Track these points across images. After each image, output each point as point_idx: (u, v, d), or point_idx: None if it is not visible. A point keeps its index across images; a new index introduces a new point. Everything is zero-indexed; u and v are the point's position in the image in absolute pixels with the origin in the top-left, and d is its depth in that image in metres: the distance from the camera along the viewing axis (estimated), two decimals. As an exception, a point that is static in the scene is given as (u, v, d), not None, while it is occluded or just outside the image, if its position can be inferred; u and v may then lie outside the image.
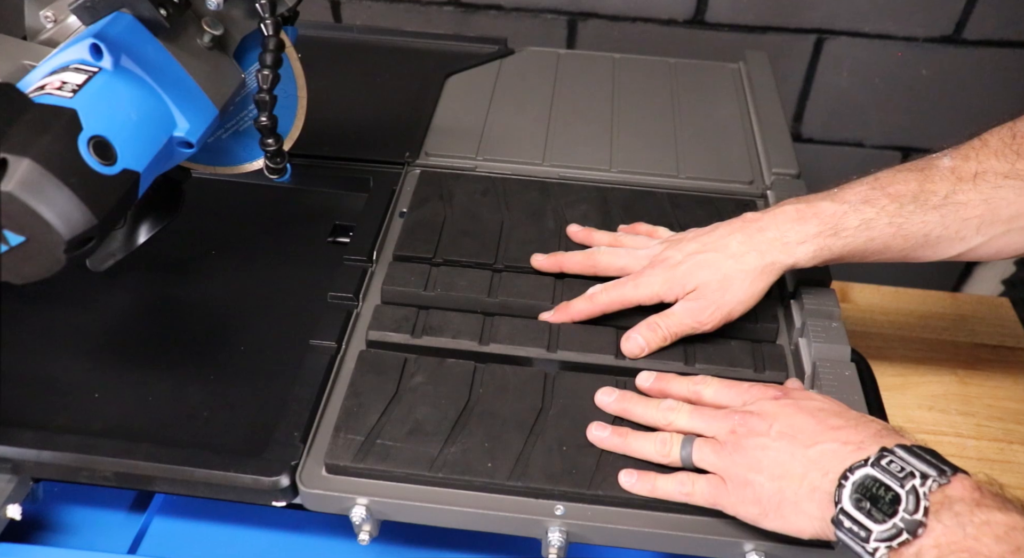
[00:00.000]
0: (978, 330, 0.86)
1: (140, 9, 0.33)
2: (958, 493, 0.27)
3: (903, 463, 0.28)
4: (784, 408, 0.33)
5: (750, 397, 0.35)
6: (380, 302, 0.42)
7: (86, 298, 0.43)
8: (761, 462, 0.32)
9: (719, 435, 0.34)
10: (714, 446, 0.33)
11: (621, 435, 0.35)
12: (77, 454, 0.35)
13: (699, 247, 0.40)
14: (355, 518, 0.34)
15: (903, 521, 0.27)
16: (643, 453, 0.35)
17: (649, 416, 0.36)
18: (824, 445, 0.31)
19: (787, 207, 0.40)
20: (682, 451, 0.34)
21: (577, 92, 0.59)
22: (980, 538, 0.26)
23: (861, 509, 0.28)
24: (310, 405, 0.36)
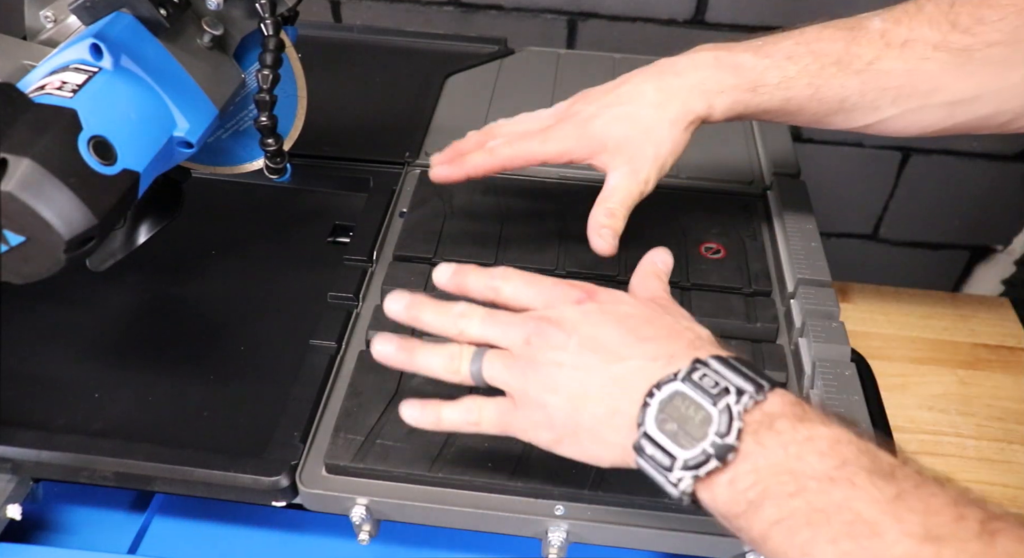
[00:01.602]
0: (978, 330, 0.86)
1: (140, 9, 0.33)
2: (778, 409, 0.24)
3: (718, 377, 0.24)
4: (588, 316, 0.28)
5: (552, 297, 0.29)
6: (380, 302, 0.42)
7: (86, 298, 0.43)
8: (557, 381, 0.27)
9: (513, 346, 0.28)
10: (506, 360, 0.28)
11: (407, 349, 0.29)
12: (77, 454, 0.35)
13: (613, 99, 0.36)
14: (355, 518, 0.34)
15: (712, 445, 0.23)
16: (431, 369, 0.29)
17: (439, 324, 0.30)
18: (629, 362, 0.26)
19: (705, 54, 0.36)
20: (472, 366, 0.29)
21: (577, 92, 0.59)
22: (803, 457, 0.23)
23: (666, 432, 0.24)
24: (310, 405, 0.36)
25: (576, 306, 0.29)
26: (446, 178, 0.37)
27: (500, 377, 0.29)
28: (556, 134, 0.36)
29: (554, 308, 0.29)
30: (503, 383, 0.29)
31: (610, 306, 0.29)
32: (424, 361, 0.30)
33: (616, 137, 0.35)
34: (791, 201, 0.48)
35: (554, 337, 0.28)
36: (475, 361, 0.29)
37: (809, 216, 0.48)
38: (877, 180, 0.86)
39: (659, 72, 0.36)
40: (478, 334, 0.30)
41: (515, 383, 0.28)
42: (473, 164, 0.36)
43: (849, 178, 0.86)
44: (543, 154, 0.36)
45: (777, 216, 0.48)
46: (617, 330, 0.28)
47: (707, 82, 0.35)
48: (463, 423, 0.29)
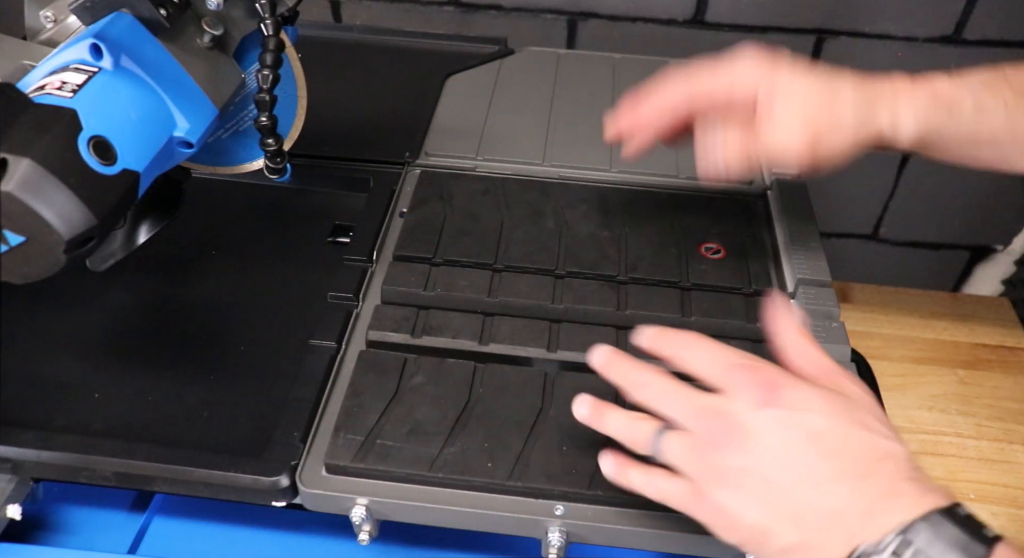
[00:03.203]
0: (978, 330, 0.86)
1: (140, 9, 0.33)
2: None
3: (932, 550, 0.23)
4: (772, 426, 0.27)
5: (732, 383, 0.28)
6: (380, 302, 0.42)
7: (86, 298, 0.43)
8: (739, 491, 0.26)
9: (693, 430, 0.28)
10: (686, 445, 0.28)
11: (599, 412, 0.31)
12: (77, 454, 0.35)
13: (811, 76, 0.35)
14: (355, 518, 0.34)
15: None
16: (617, 434, 0.30)
17: (626, 384, 0.31)
18: (824, 503, 0.25)
19: (902, 76, 0.36)
20: (652, 440, 0.29)
21: (577, 92, 0.59)
22: None
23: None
24: (310, 405, 0.36)
25: (762, 410, 0.27)
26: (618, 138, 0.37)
27: (679, 463, 0.28)
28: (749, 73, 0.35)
29: (735, 402, 0.28)
30: (682, 470, 0.29)
31: (799, 417, 0.27)
32: (611, 425, 0.31)
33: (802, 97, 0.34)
34: (791, 201, 0.48)
35: (738, 442, 0.27)
36: (656, 438, 0.29)
37: (809, 216, 0.48)
38: (877, 180, 0.86)
39: (861, 79, 0.35)
40: (654, 406, 0.30)
41: (695, 474, 0.28)
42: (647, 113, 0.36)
43: (849, 178, 0.86)
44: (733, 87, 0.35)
45: (777, 216, 0.48)
46: (809, 452, 0.26)
47: (900, 97, 0.35)
48: (649, 490, 0.30)
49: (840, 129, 0.34)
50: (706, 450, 0.28)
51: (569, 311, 0.41)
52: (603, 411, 0.31)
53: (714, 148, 0.35)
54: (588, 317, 0.41)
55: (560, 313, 0.42)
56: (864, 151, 0.35)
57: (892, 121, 0.34)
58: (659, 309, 0.41)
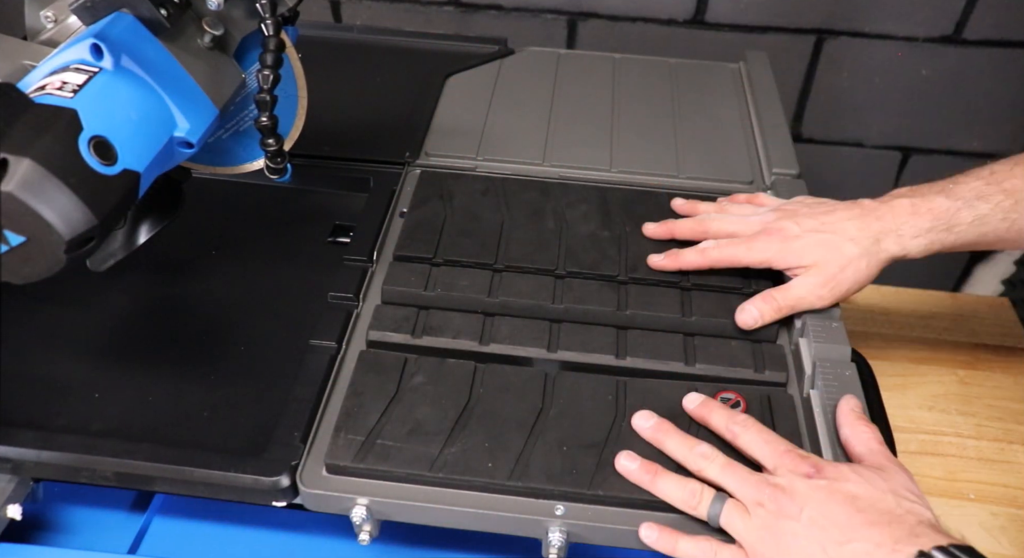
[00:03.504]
0: (978, 330, 0.86)
1: (140, 9, 0.33)
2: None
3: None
4: (816, 492, 0.31)
5: (782, 464, 0.33)
6: (380, 302, 0.42)
7: (86, 298, 0.43)
8: (790, 549, 0.31)
9: (746, 502, 0.32)
10: (743, 515, 0.32)
11: (650, 472, 0.34)
12: (77, 454, 0.35)
13: (818, 225, 0.41)
14: (355, 518, 0.34)
15: None
16: (670, 497, 0.33)
17: (681, 455, 0.34)
18: (857, 544, 0.30)
19: (903, 201, 0.40)
20: (711, 509, 0.33)
21: (577, 92, 0.59)
22: None
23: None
24: (310, 405, 0.36)
25: (806, 480, 0.32)
26: (662, 267, 0.43)
27: (736, 528, 0.32)
28: (761, 245, 0.41)
29: (785, 477, 0.33)
30: (738, 535, 0.32)
31: (838, 484, 0.32)
32: (665, 488, 0.34)
33: (815, 258, 0.40)
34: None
35: (787, 507, 0.32)
36: (715, 506, 0.33)
37: (809, 216, 0.47)
38: (877, 180, 0.86)
39: (862, 213, 0.41)
40: (715, 478, 0.34)
41: (750, 539, 0.32)
42: (687, 260, 0.42)
43: (849, 178, 0.86)
44: (747, 260, 0.41)
45: (777, 216, 0.48)
46: (844, 510, 0.31)
47: (903, 228, 0.40)
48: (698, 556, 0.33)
49: (855, 271, 0.40)
50: (759, 516, 0.32)
51: (569, 311, 0.41)
52: (655, 472, 0.34)
53: (749, 310, 0.40)
54: (588, 317, 0.41)
55: (560, 313, 0.42)
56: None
57: (901, 248, 0.40)
58: (659, 309, 0.41)
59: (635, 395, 0.37)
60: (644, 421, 0.36)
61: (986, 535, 0.67)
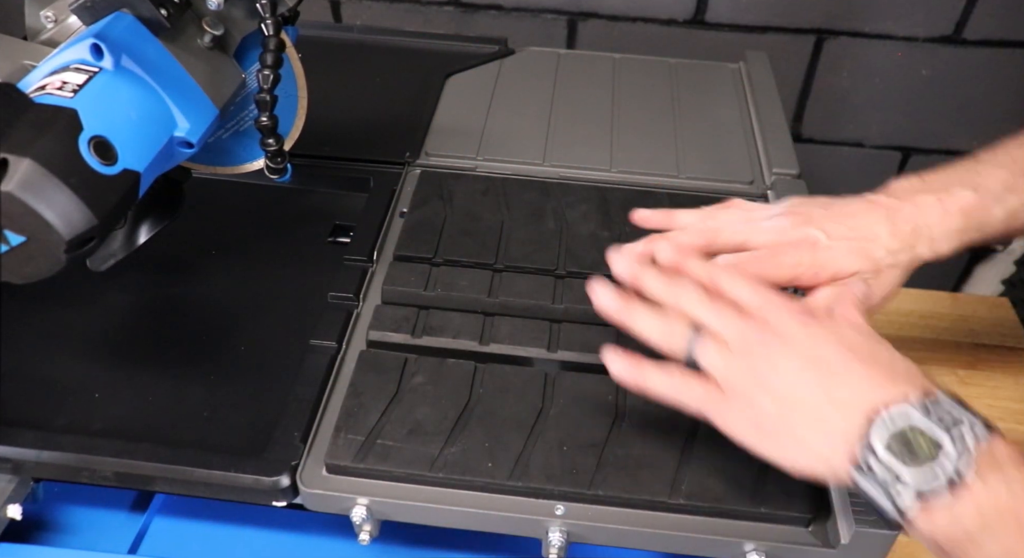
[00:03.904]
0: (978, 330, 0.86)
1: (140, 9, 0.33)
2: (1002, 451, 0.24)
3: (950, 408, 0.25)
4: (810, 334, 0.28)
5: (771, 305, 0.30)
6: (380, 302, 0.42)
7: (86, 298, 0.43)
8: (771, 382, 0.28)
9: (729, 337, 0.29)
10: (721, 348, 0.29)
11: (628, 308, 0.31)
12: (77, 454, 0.35)
13: (847, 232, 0.36)
14: (355, 518, 0.34)
15: (943, 469, 0.24)
16: (645, 331, 0.30)
17: (660, 291, 0.31)
18: (852, 387, 0.27)
19: (927, 198, 0.36)
20: (688, 344, 0.29)
21: (577, 92, 0.59)
22: None
23: (893, 451, 0.24)
24: (310, 405, 0.36)
25: (799, 325, 0.29)
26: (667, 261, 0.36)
27: (713, 363, 0.29)
28: (789, 259, 0.36)
29: (774, 313, 0.29)
30: (714, 369, 0.29)
31: (835, 330, 0.29)
32: (642, 324, 0.30)
33: (849, 270, 0.36)
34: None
35: (773, 343, 0.28)
36: (691, 341, 0.30)
37: (809, 216, 0.47)
38: (877, 180, 0.86)
39: (888, 215, 0.36)
40: (695, 313, 0.30)
41: (726, 372, 0.29)
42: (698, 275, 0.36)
43: (849, 178, 0.86)
44: (776, 278, 0.35)
45: (777, 216, 0.48)
46: (840, 354, 0.28)
47: (935, 230, 0.36)
48: (666, 389, 0.30)
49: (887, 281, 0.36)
50: (740, 350, 0.29)
51: (569, 311, 0.41)
52: (631, 306, 0.31)
53: None
54: (588, 317, 0.41)
55: (560, 313, 0.42)
56: None
57: (932, 252, 0.37)
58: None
59: (635, 396, 0.37)
60: (620, 261, 0.33)
61: (986, 535, 0.67)
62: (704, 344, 0.30)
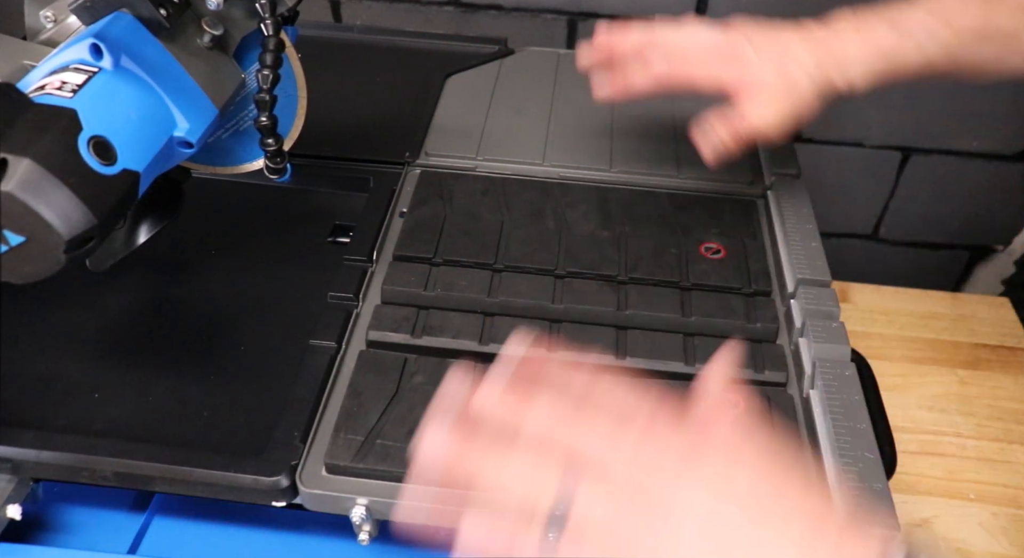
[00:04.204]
0: (978, 330, 0.86)
1: (140, 9, 0.33)
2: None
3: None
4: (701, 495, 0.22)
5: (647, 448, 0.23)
6: (380, 302, 0.42)
7: (86, 298, 0.43)
8: None
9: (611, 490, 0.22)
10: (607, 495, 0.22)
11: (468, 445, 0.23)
12: (77, 454, 0.34)
13: (765, 40, 0.39)
14: (355, 518, 0.34)
15: None
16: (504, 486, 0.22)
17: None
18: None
19: (849, 29, 0.38)
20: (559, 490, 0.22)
21: (577, 92, 0.59)
22: None
23: None
24: (310, 405, 0.36)
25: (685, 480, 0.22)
26: (608, 97, 0.40)
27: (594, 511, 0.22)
28: (715, 70, 0.39)
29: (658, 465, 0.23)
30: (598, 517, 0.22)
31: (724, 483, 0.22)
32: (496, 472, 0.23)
33: (765, 80, 0.39)
34: (791, 201, 0.48)
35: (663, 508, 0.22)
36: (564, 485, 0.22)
37: (809, 216, 0.48)
38: (877, 180, 0.86)
39: (808, 35, 0.39)
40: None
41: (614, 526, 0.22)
42: (633, 81, 0.39)
43: (849, 178, 0.86)
44: (700, 78, 0.39)
45: (777, 216, 0.48)
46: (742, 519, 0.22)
47: (848, 57, 0.38)
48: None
49: (802, 98, 0.39)
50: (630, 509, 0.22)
51: (569, 311, 0.41)
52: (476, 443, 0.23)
53: (709, 135, 0.39)
54: (588, 317, 0.41)
55: (560, 313, 0.42)
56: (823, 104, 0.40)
57: (844, 79, 0.38)
58: (659, 309, 0.41)
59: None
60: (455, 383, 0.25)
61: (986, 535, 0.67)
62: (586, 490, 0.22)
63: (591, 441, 0.23)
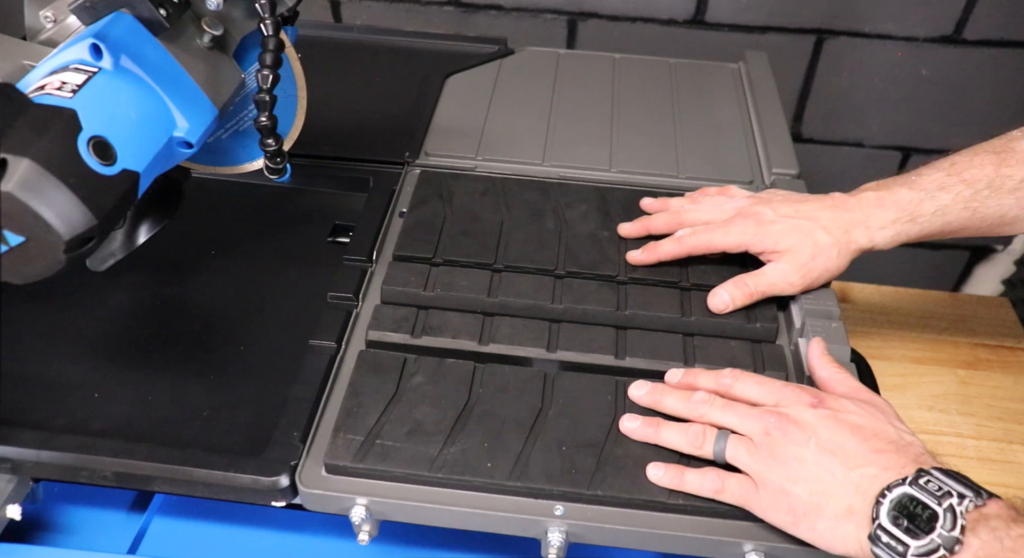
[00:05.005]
0: (978, 330, 0.86)
1: (140, 9, 0.33)
2: (994, 511, 0.28)
3: (940, 483, 0.29)
4: (823, 420, 0.33)
5: (783, 398, 0.34)
6: (380, 302, 0.42)
7: (86, 298, 0.43)
8: (799, 473, 0.32)
9: (753, 435, 0.33)
10: (748, 446, 0.33)
11: (652, 425, 0.35)
12: (77, 454, 0.35)
13: (792, 212, 0.42)
14: (355, 518, 0.34)
15: (940, 537, 0.28)
16: (674, 444, 0.34)
17: (680, 408, 0.35)
18: (866, 469, 0.31)
19: (869, 193, 0.42)
20: (715, 446, 0.34)
21: (577, 92, 0.59)
22: (1018, 550, 0.27)
23: (899, 526, 0.29)
24: (310, 405, 0.36)
25: (811, 409, 0.33)
26: (641, 262, 0.43)
27: (742, 460, 0.33)
28: (737, 228, 0.42)
29: (789, 407, 0.34)
30: (745, 466, 0.33)
31: (842, 414, 0.33)
32: (668, 436, 0.35)
33: (789, 243, 0.41)
34: (791, 201, 0.48)
35: (794, 434, 0.33)
36: (719, 442, 0.34)
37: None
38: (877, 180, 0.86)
39: (833, 205, 0.42)
40: (718, 419, 0.35)
41: (758, 468, 0.33)
42: (665, 250, 0.43)
43: (849, 178, 0.86)
44: (723, 245, 0.42)
45: (777, 216, 0.48)
46: (853, 437, 0.32)
47: (871, 219, 0.41)
48: (705, 489, 0.33)
49: (827, 259, 0.41)
50: (766, 445, 0.33)
51: (569, 311, 0.41)
52: (657, 424, 0.35)
53: (720, 295, 0.41)
54: (588, 317, 0.41)
55: (560, 313, 0.42)
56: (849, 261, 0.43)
57: (869, 239, 0.42)
58: (659, 309, 0.41)
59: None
60: (639, 389, 0.37)
61: (986, 535, 0.67)
62: (732, 443, 0.34)
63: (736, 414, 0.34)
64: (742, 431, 0.34)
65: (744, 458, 0.33)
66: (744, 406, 0.35)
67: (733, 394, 0.36)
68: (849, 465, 0.31)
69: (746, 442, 0.33)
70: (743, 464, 0.33)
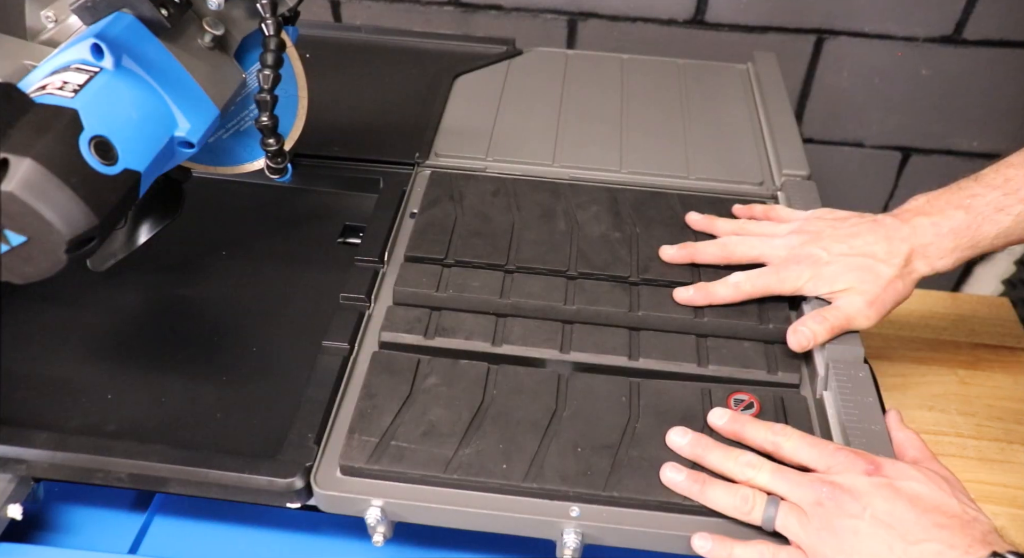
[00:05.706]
0: (978, 330, 0.87)
1: (141, 9, 0.33)
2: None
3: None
4: (880, 489, 0.31)
5: (836, 463, 0.32)
6: (392, 303, 0.42)
7: (99, 300, 0.43)
8: (853, 547, 0.30)
9: (804, 504, 0.31)
10: (800, 516, 0.31)
11: (698, 482, 0.33)
12: (91, 456, 0.34)
13: (847, 249, 0.40)
14: (370, 520, 0.33)
15: None
16: (721, 506, 0.32)
17: (727, 468, 0.33)
18: (928, 545, 0.29)
19: (923, 220, 0.40)
20: (765, 513, 0.32)
21: (586, 93, 0.59)
22: None
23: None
24: (323, 407, 0.36)
25: (866, 477, 0.31)
26: (689, 301, 0.41)
27: (794, 532, 0.31)
28: (791, 273, 0.41)
29: (842, 475, 0.32)
30: (796, 538, 0.31)
31: (901, 483, 0.31)
32: (715, 497, 0.33)
33: (848, 283, 0.40)
34: (802, 202, 0.48)
35: (848, 505, 0.31)
36: (768, 509, 0.32)
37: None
38: (877, 180, 0.87)
39: (887, 236, 0.41)
40: (767, 484, 0.33)
41: (810, 541, 0.31)
42: (719, 295, 0.41)
43: (849, 178, 0.87)
44: (779, 289, 0.41)
45: (787, 216, 0.48)
46: (912, 510, 0.30)
47: (930, 249, 0.40)
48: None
49: (894, 290, 0.40)
50: (818, 516, 0.31)
51: (581, 312, 0.41)
52: (703, 481, 0.33)
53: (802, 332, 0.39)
54: (600, 318, 0.41)
55: (572, 314, 0.41)
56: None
57: (930, 268, 0.41)
58: (671, 310, 0.41)
59: (648, 396, 0.37)
60: (680, 437, 0.35)
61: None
62: (783, 515, 0.32)
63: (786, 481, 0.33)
64: (793, 500, 0.32)
65: (795, 530, 0.31)
66: (795, 473, 0.33)
67: (782, 454, 0.34)
68: (909, 539, 0.29)
69: (797, 512, 0.31)
70: (794, 535, 0.31)
